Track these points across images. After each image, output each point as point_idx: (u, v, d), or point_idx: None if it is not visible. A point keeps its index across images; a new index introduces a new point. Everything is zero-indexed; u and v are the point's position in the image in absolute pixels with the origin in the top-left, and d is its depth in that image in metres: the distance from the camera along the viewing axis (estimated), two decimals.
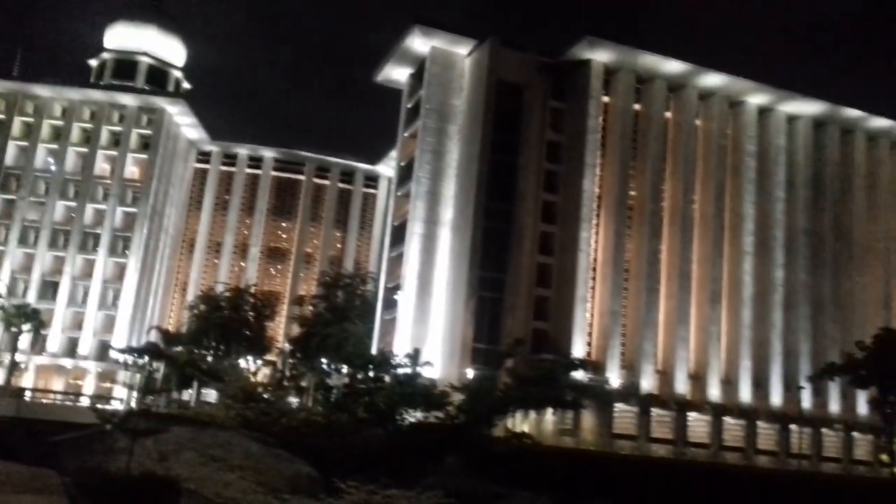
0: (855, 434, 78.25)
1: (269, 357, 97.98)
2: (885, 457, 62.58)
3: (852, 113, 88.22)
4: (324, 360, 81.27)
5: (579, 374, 72.94)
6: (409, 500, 25.30)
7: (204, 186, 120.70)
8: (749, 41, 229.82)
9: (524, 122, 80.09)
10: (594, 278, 79.12)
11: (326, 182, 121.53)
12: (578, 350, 74.85)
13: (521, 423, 65.60)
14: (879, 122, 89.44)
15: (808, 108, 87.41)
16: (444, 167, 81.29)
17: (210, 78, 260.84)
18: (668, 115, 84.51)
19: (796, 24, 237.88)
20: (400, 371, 53.50)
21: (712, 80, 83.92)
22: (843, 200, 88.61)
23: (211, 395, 79.29)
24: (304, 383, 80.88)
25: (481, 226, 77.14)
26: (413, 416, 42.70)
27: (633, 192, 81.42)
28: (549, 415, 68.63)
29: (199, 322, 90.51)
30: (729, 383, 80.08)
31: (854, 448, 78.18)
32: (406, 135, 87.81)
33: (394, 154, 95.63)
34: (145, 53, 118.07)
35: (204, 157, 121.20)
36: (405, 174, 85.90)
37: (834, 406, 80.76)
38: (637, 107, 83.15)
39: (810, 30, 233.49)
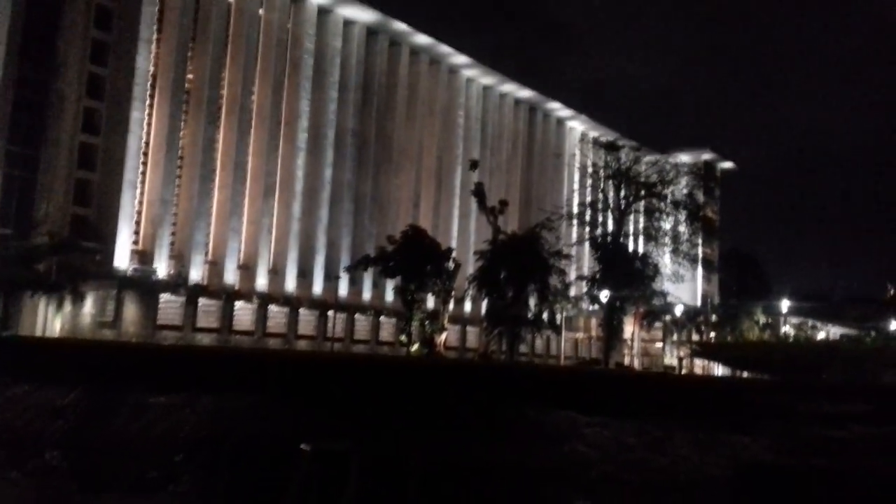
0: (382, 318, 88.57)
1: None
2: (403, 338, 71.82)
3: (400, 26, 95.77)
4: None
5: (124, 263, 69.69)
6: None
7: None
8: None
9: None
10: (145, 163, 75.17)
11: None
12: (125, 238, 71.14)
13: (53, 316, 60.58)
14: (422, 39, 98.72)
15: (363, 15, 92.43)
16: None
17: None
18: None
19: None
20: None
21: None
22: (387, 107, 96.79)
23: None
24: None
25: (11, 95, 67.25)
26: None
27: (191, 76, 78.41)
28: (88, 307, 64.52)
29: None
30: (276, 273, 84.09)
31: (381, 331, 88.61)
32: None
33: None
34: None
35: None
36: None
37: (367, 294, 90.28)
38: None
39: None
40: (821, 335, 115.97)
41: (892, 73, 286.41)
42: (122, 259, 70.92)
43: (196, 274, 76.22)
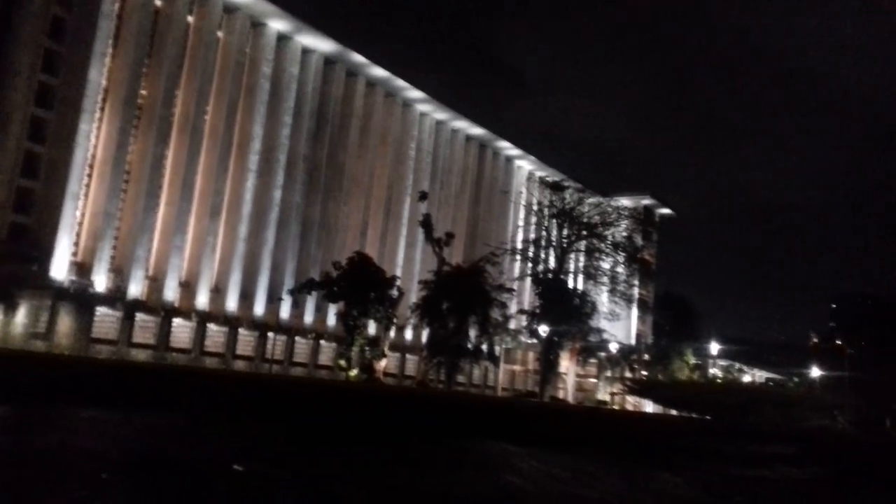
0: (323, 342, 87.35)
1: None
2: (343, 362, 70.93)
3: (358, 58, 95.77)
4: None
5: (61, 274, 67.40)
6: None
7: None
8: None
9: None
10: (90, 175, 73.23)
11: None
12: (63, 249, 68.90)
13: None
14: (379, 72, 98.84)
15: (321, 44, 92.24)
16: None
17: None
18: (191, 20, 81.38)
19: None
20: None
21: None
22: (340, 135, 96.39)
23: None
24: None
25: None
26: None
27: (144, 92, 77.04)
28: (20, 317, 62.04)
29: None
30: (218, 292, 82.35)
31: (321, 354, 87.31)
32: None
33: None
34: None
35: None
36: None
37: (309, 317, 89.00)
38: (159, 2, 78.15)
39: None
40: (746, 378, 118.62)
41: (824, 144, 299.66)
42: (60, 270, 68.57)
43: (135, 289, 74.19)
